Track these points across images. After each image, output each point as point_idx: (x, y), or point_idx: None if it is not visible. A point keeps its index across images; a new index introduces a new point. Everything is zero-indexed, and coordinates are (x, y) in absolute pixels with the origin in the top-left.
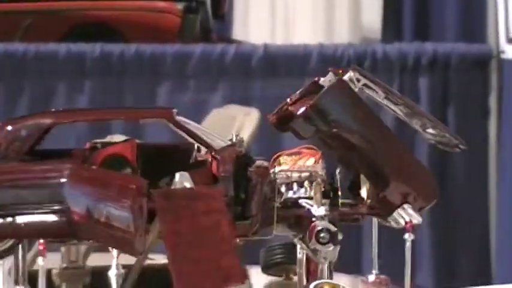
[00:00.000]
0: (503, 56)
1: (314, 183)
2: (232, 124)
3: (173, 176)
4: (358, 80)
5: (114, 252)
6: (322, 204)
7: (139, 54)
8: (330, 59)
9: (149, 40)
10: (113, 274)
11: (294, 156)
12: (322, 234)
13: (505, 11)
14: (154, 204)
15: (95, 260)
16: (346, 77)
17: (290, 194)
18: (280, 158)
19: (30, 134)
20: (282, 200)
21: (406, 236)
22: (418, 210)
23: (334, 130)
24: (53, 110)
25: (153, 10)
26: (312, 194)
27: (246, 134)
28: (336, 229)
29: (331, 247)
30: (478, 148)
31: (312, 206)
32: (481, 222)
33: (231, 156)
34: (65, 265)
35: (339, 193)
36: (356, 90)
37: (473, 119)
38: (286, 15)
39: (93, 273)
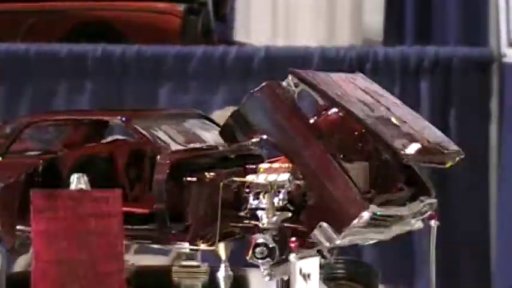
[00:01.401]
0: (505, 59)
1: (266, 195)
2: None
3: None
4: (296, 85)
5: (222, 254)
6: (273, 216)
7: (141, 55)
8: (332, 61)
9: (150, 41)
10: (221, 276)
11: (272, 165)
12: (258, 249)
13: (506, 15)
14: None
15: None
16: (284, 82)
17: (254, 203)
18: (260, 166)
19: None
20: (247, 210)
21: (432, 223)
22: (338, 229)
23: (258, 135)
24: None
25: (155, 11)
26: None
27: None
28: (274, 244)
29: (269, 262)
30: (478, 150)
31: (261, 218)
32: (482, 224)
33: (166, 162)
34: (183, 263)
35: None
36: (295, 95)
37: (474, 121)
38: (288, 17)
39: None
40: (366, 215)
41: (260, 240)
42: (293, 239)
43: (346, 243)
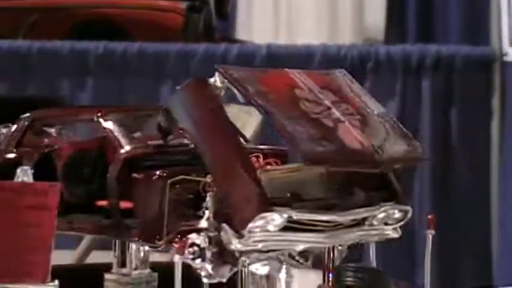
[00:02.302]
0: (506, 58)
1: (209, 194)
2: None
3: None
4: (222, 82)
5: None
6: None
7: (142, 53)
8: (333, 59)
9: (152, 38)
10: (283, 277)
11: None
12: (190, 249)
13: (508, 13)
14: None
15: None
16: (212, 79)
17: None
18: None
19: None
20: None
21: (428, 232)
22: (237, 232)
23: (181, 131)
24: None
25: (157, 9)
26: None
27: (248, 133)
28: (204, 245)
29: (203, 264)
30: (480, 149)
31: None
32: (483, 222)
33: (120, 158)
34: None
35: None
36: (220, 92)
37: (476, 120)
38: (290, 16)
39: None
40: (276, 217)
41: (193, 241)
42: (176, 240)
43: (264, 248)
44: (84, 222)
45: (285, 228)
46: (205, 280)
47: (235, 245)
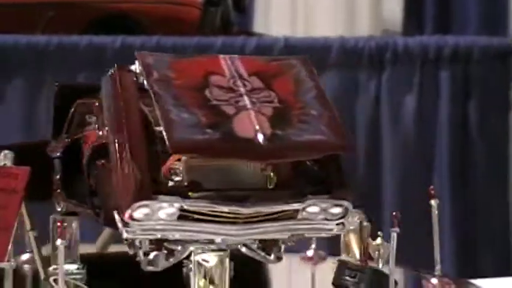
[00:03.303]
0: None
1: None
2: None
3: None
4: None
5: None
6: None
7: (161, 46)
8: (351, 51)
9: (169, 32)
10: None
11: None
12: None
13: None
14: None
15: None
16: (133, 66)
17: None
18: None
19: None
20: None
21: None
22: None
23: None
24: None
25: (174, 2)
26: None
27: None
28: None
29: (137, 251)
30: (499, 141)
31: None
32: (501, 214)
33: (91, 145)
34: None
35: None
36: (138, 79)
37: (495, 111)
38: (307, 8)
39: None
40: (165, 206)
41: None
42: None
43: (164, 237)
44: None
45: (187, 218)
46: (148, 268)
47: (123, 233)
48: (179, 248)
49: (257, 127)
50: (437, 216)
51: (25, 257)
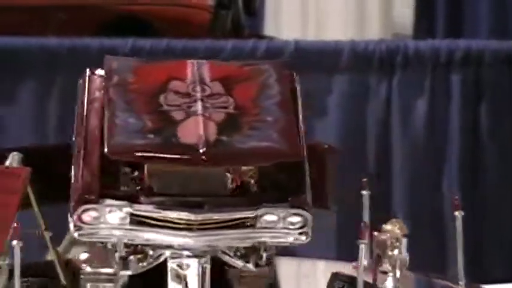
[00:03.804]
0: None
1: None
2: None
3: None
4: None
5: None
6: None
7: (171, 49)
8: (361, 54)
9: (180, 35)
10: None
11: None
12: None
13: None
14: None
15: None
16: (101, 70)
17: None
18: None
19: None
20: None
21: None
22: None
23: None
24: None
25: (185, 5)
26: None
27: None
28: None
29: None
30: (509, 144)
31: None
32: None
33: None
34: None
35: None
36: (103, 83)
37: (505, 115)
38: (318, 11)
39: None
40: (114, 210)
41: None
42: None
43: (108, 240)
44: None
45: (142, 223)
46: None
47: (75, 234)
48: (151, 252)
49: (201, 133)
50: (449, 220)
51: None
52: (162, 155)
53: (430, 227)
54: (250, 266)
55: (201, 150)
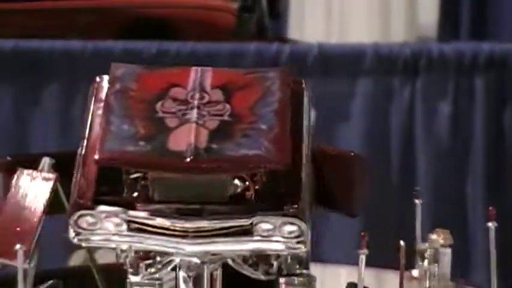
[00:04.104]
0: None
1: None
2: None
3: None
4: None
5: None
6: None
7: (195, 53)
8: (385, 58)
9: (203, 39)
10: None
11: None
12: None
13: None
14: None
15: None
16: (106, 77)
17: None
18: None
19: None
20: None
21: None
22: None
23: None
24: None
25: (208, 8)
26: None
27: None
28: None
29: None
30: None
31: None
32: None
33: None
34: None
35: None
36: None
37: None
38: (342, 14)
39: None
40: (111, 215)
41: None
42: None
43: (107, 246)
44: None
45: (140, 230)
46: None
47: (76, 241)
48: (158, 258)
49: (192, 140)
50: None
51: None
52: (149, 162)
53: (453, 233)
54: (258, 273)
55: (188, 158)
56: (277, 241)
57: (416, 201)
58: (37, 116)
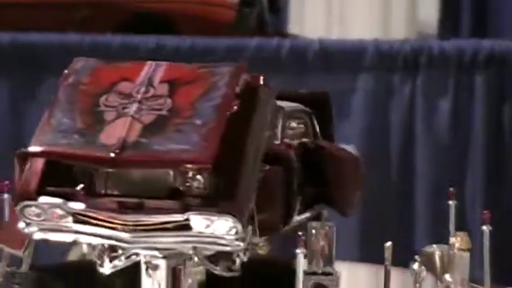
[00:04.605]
0: None
1: None
2: None
3: None
4: None
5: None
6: None
7: (194, 47)
8: (386, 54)
9: (203, 33)
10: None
11: None
12: None
13: None
14: None
15: None
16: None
17: None
18: None
19: None
20: None
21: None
22: None
23: None
24: None
25: (208, 3)
26: None
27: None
28: None
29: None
30: None
31: None
32: None
33: None
34: None
35: None
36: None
37: None
38: (342, 10)
39: None
40: (55, 207)
41: None
42: None
43: (55, 237)
44: None
45: (85, 222)
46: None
47: (26, 232)
48: (120, 251)
49: (123, 134)
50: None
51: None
52: (77, 155)
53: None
54: (219, 269)
55: (112, 153)
56: (214, 237)
57: (450, 202)
58: (34, 110)
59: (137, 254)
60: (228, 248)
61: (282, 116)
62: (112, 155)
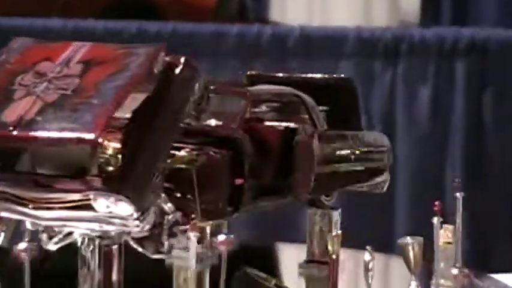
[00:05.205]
0: None
1: None
2: None
3: None
4: None
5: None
6: None
7: (176, 33)
8: (367, 42)
9: (185, 19)
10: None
11: None
12: None
13: None
14: None
15: None
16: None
17: None
18: None
19: None
20: None
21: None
22: None
23: None
24: None
25: None
26: None
27: None
28: None
29: None
30: None
31: None
32: None
33: None
34: None
35: None
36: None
37: (510, 105)
38: None
39: None
40: None
41: None
42: None
43: None
44: None
45: (6, 200)
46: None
47: None
48: (56, 230)
49: (22, 112)
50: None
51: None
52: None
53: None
54: (149, 251)
55: (6, 130)
56: (114, 218)
57: (457, 194)
58: None
59: (71, 233)
60: (127, 229)
61: (244, 101)
62: (5, 131)
